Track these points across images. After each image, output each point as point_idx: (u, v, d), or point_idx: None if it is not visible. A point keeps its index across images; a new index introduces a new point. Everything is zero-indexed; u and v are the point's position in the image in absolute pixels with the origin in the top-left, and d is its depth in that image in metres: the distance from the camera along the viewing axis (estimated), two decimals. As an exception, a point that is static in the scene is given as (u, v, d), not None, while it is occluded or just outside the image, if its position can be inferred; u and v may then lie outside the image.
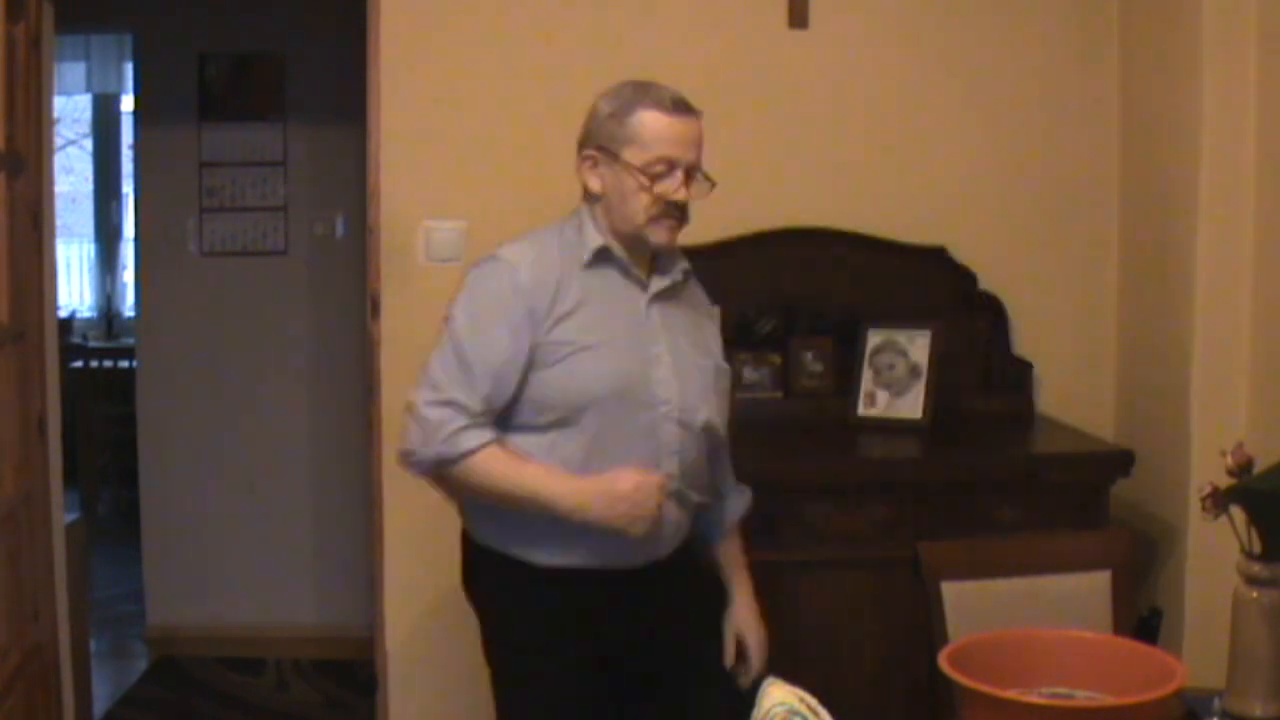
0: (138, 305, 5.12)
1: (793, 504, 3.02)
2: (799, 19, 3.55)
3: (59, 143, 6.38)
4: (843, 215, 3.55)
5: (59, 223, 3.50)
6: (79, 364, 6.78)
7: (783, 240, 3.53)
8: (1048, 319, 3.63)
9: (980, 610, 2.42)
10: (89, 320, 7.76)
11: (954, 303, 3.56)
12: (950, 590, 2.46)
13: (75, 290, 8.15)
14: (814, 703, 1.60)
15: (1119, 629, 2.45)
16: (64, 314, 7.05)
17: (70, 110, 8.05)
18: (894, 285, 3.54)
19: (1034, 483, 3.13)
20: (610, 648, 2.36)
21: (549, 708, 2.33)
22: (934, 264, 3.57)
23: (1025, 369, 3.59)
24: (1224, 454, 2.10)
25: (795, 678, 1.67)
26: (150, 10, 4.86)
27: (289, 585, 4.91)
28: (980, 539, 2.68)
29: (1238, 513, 2.04)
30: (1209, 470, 2.31)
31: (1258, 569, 2.01)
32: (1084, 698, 1.81)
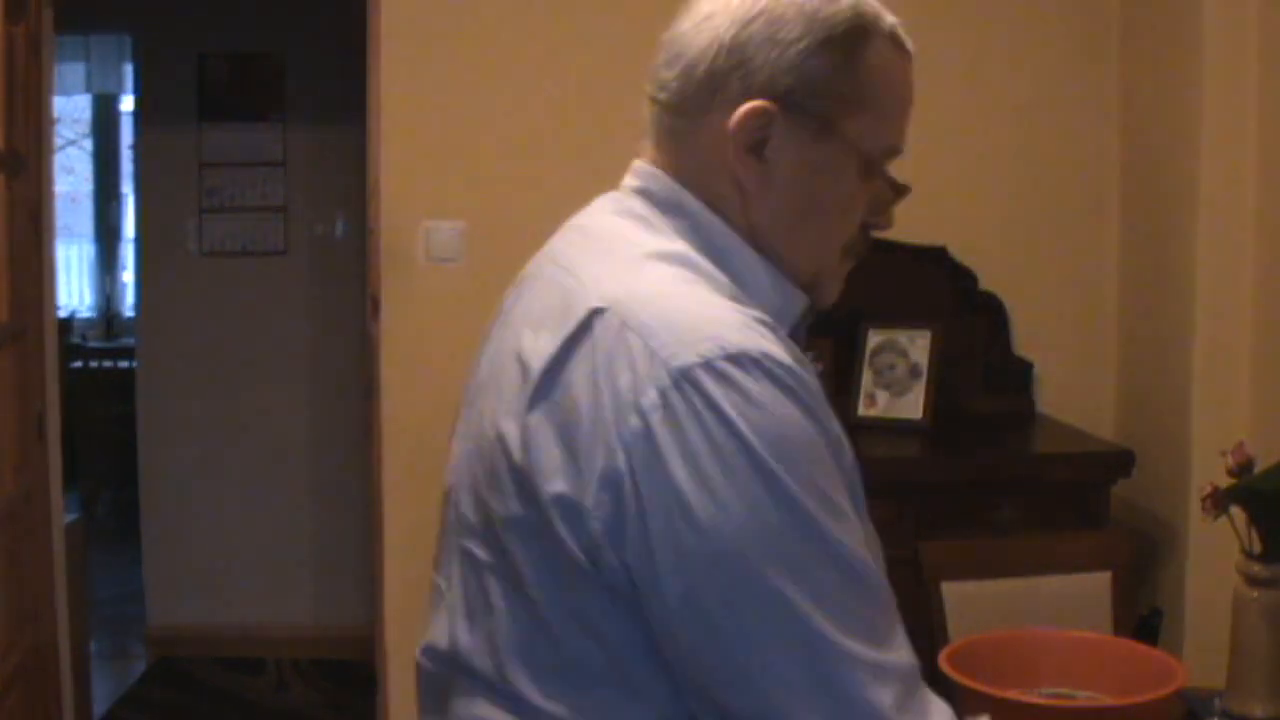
0: (138, 305, 5.13)
1: (793, 504, 3.01)
2: (799, 19, 3.54)
3: (59, 143, 6.37)
4: (842, 215, 3.54)
5: (59, 223, 3.50)
6: (79, 364, 6.78)
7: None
8: (1048, 319, 3.63)
9: (980, 610, 2.42)
10: (89, 320, 7.75)
11: (954, 303, 3.56)
12: (950, 590, 2.46)
13: (75, 290, 8.15)
14: None
15: (1119, 629, 2.45)
16: (64, 314, 7.04)
17: (70, 110, 8.04)
18: (894, 285, 3.53)
19: (1034, 483, 3.13)
20: None
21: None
22: (934, 264, 3.56)
23: (1025, 369, 3.59)
24: (1224, 454, 2.10)
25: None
26: (150, 10, 4.86)
27: (289, 585, 4.91)
28: (980, 539, 2.68)
29: (1238, 513, 2.03)
30: (1209, 470, 2.31)
31: (1258, 569, 2.00)
32: (1084, 698, 1.81)
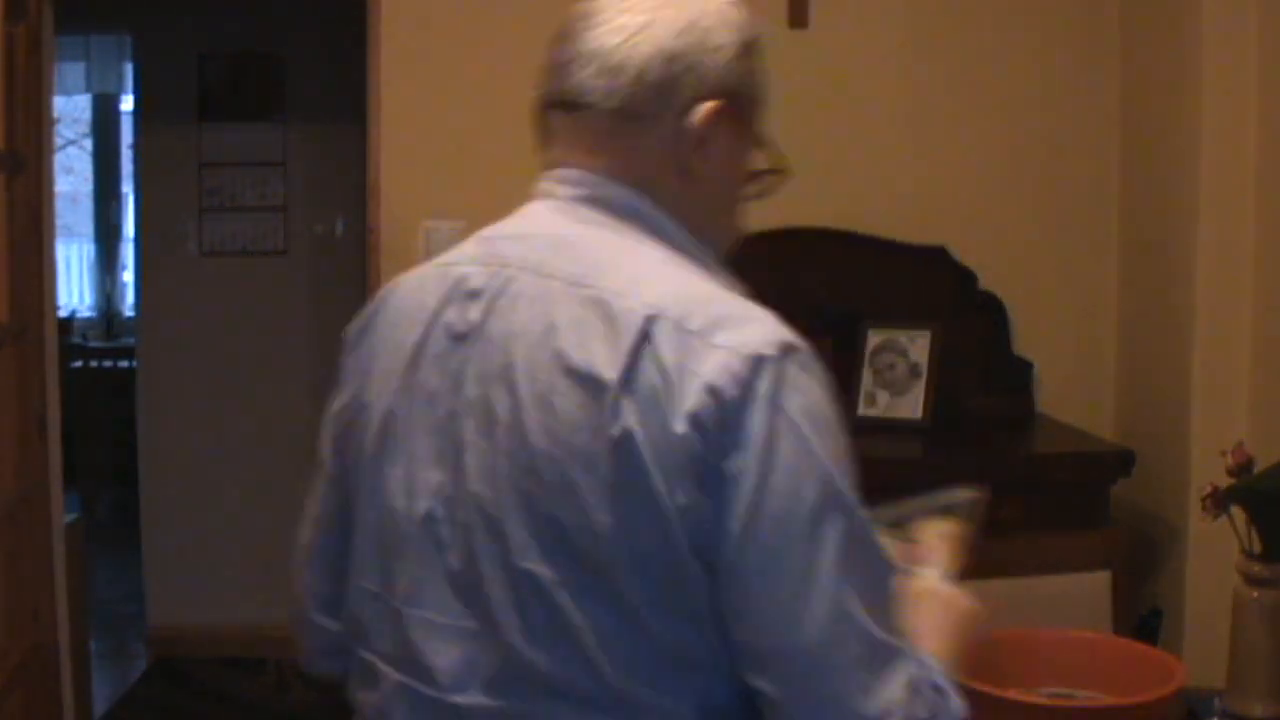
0: (138, 305, 5.13)
1: (793, 504, 3.02)
2: (799, 19, 3.54)
3: (59, 143, 6.37)
4: (843, 215, 3.54)
5: (59, 223, 3.50)
6: (79, 364, 6.78)
7: (782, 240, 3.53)
8: (1048, 319, 3.63)
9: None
10: (89, 320, 7.76)
11: (954, 303, 3.55)
12: (950, 590, 2.46)
13: (75, 290, 8.15)
14: None
15: (1119, 629, 2.45)
16: (64, 314, 7.05)
17: (70, 110, 8.05)
18: (894, 285, 3.54)
19: (1034, 483, 3.13)
20: None
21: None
22: (934, 264, 3.56)
23: (1025, 369, 3.59)
24: (1224, 454, 2.10)
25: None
26: (150, 10, 4.86)
27: (289, 585, 4.90)
28: (980, 539, 2.68)
29: (1238, 513, 2.04)
30: (1209, 470, 2.31)
31: (1258, 569, 2.00)
32: (1084, 698, 1.81)
